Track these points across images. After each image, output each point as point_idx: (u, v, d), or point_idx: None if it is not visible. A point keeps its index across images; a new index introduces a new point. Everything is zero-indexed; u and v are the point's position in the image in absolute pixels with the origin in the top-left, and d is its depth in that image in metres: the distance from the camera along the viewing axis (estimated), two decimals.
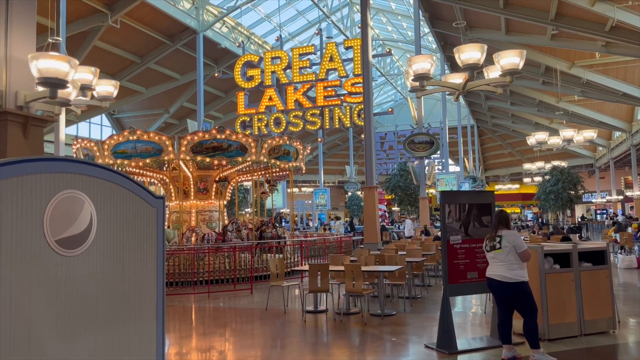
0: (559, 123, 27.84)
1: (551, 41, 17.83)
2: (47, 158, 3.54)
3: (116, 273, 3.96)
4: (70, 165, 3.61)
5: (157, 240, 4.45)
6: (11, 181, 3.17)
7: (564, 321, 6.13)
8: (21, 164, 3.25)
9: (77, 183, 3.59)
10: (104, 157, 11.90)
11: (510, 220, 5.61)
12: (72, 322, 3.52)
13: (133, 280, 4.16)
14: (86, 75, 8.63)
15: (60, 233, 3.43)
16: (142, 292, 4.25)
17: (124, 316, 4.01)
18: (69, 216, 3.51)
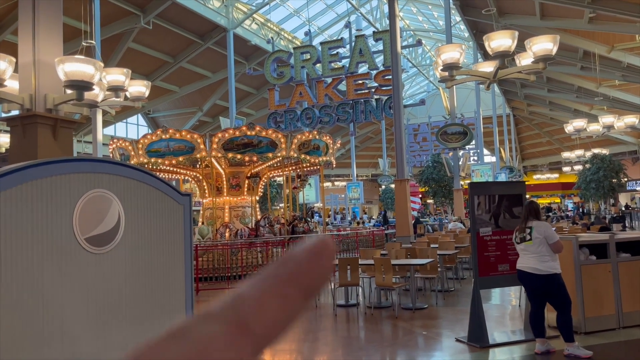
0: (600, 109, 26.88)
1: (589, 24, 17.20)
2: (75, 159, 3.67)
3: (145, 269, 4.07)
4: (97, 165, 3.72)
5: (184, 236, 4.55)
6: (42, 182, 3.29)
7: (601, 314, 5.94)
8: (51, 165, 3.38)
9: (104, 182, 3.70)
10: (138, 156, 12.20)
11: (541, 210, 5.46)
12: (103, 317, 3.64)
13: (162, 276, 4.27)
14: (118, 76, 8.85)
15: (90, 231, 3.55)
16: (170, 287, 4.36)
17: (154, 312, 4.12)
18: (97, 215, 3.63)
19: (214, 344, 0.24)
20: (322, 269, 0.28)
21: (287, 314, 0.27)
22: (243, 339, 0.25)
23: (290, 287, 0.27)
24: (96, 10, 14.33)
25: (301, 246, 0.29)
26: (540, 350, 5.20)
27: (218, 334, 0.25)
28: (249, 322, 0.26)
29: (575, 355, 4.98)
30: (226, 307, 0.26)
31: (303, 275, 0.27)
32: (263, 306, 0.26)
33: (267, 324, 0.26)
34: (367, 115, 18.21)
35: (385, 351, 5.96)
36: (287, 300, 0.27)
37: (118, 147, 12.97)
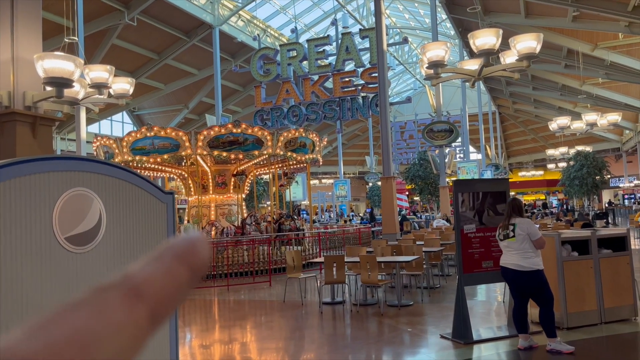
0: (583, 107, 27.21)
1: (572, 23, 17.39)
2: (54, 157, 3.61)
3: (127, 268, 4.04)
4: (78, 164, 3.67)
5: (167, 235, 4.52)
6: (21, 180, 3.24)
7: (583, 309, 6.02)
8: (30, 164, 3.32)
9: (84, 181, 3.66)
10: (122, 154, 12.09)
11: (524, 207, 5.51)
12: None
13: None
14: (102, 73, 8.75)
15: (70, 230, 3.51)
16: None
17: None
18: (77, 214, 3.58)
19: (106, 308, 0.26)
20: (201, 253, 0.31)
21: (176, 285, 0.29)
22: (135, 303, 0.27)
23: (175, 262, 0.30)
24: (79, 6, 14.14)
25: (178, 236, 0.33)
26: (523, 346, 5.25)
27: (110, 298, 0.27)
28: (139, 289, 0.28)
29: (558, 350, 5.04)
30: (118, 279, 0.28)
31: (185, 255, 0.31)
32: (152, 276, 0.29)
33: (159, 292, 0.28)
34: (354, 112, 18.24)
35: (371, 348, 5.97)
36: (173, 272, 0.30)
37: (102, 144, 12.83)
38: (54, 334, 0.24)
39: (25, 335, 0.24)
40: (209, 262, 0.32)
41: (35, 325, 0.24)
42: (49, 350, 0.23)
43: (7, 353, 0.22)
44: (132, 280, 0.28)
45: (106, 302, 0.26)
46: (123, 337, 0.26)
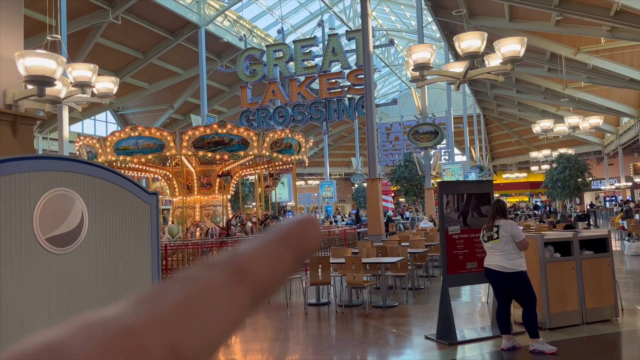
0: (566, 110, 27.58)
1: (556, 27, 17.62)
2: (36, 156, 3.56)
3: (110, 269, 3.98)
4: (59, 164, 3.62)
5: (151, 235, 4.48)
6: (4, 179, 3.18)
7: (565, 310, 6.09)
8: (9, 163, 3.27)
9: (67, 181, 3.60)
10: (106, 154, 11.95)
11: (507, 209, 5.56)
12: (66, 319, 3.54)
13: (128, 276, 4.19)
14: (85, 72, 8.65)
15: (51, 231, 3.45)
16: (137, 286, 4.28)
17: None
18: (59, 214, 3.53)
19: (212, 286, 0.27)
20: (310, 236, 0.31)
21: (280, 269, 0.30)
22: (240, 285, 0.28)
23: (282, 245, 0.30)
24: (62, 3, 13.96)
25: (289, 219, 0.32)
26: (507, 346, 5.30)
27: (216, 278, 0.27)
28: (245, 270, 0.28)
29: (540, 350, 5.09)
30: (224, 258, 0.29)
31: (293, 238, 0.31)
32: (258, 259, 0.29)
33: (262, 274, 0.29)
34: (340, 114, 18.25)
35: (356, 349, 5.98)
36: (279, 256, 0.30)
37: (85, 144, 12.67)
38: (160, 305, 0.25)
39: (129, 306, 0.24)
40: (318, 245, 0.32)
41: (140, 297, 0.25)
42: (153, 322, 0.24)
43: (112, 323, 0.23)
44: (238, 261, 0.29)
45: (212, 280, 0.27)
46: (225, 316, 0.27)
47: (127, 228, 4.20)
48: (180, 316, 0.25)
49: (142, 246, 4.35)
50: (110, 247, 3.99)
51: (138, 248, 4.32)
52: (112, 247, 4.01)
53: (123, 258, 4.14)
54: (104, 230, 3.91)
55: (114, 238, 4.04)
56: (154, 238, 4.48)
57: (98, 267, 3.87)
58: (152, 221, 4.48)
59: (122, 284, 4.13)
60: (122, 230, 4.13)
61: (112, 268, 4.01)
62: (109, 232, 3.98)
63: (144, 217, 4.39)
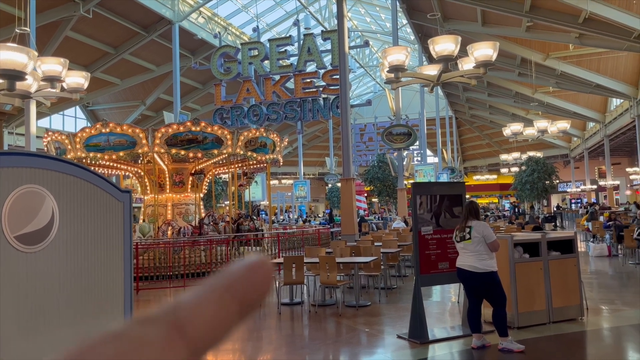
0: (535, 114, 28.25)
1: (526, 33, 18.04)
2: (5, 152, 3.47)
3: (81, 268, 3.90)
4: (29, 160, 3.53)
5: (124, 234, 4.40)
6: None
7: (533, 309, 6.24)
8: None
9: (37, 178, 3.52)
10: (75, 151, 11.69)
11: (480, 210, 5.67)
12: (35, 318, 3.46)
13: (100, 275, 4.11)
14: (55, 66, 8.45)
15: (20, 229, 3.36)
16: (109, 286, 4.20)
17: (90, 311, 3.96)
18: (28, 212, 3.44)
19: (148, 344, 0.25)
20: (259, 284, 0.29)
21: (223, 321, 0.27)
22: (177, 341, 0.26)
23: (227, 295, 0.28)
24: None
25: (240, 262, 0.30)
26: (477, 345, 5.40)
27: (153, 335, 0.25)
28: (184, 325, 0.26)
29: (509, 349, 5.22)
30: (163, 311, 0.27)
31: (239, 287, 0.28)
32: (199, 311, 0.27)
33: (202, 328, 0.27)
34: (315, 114, 18.28)
35: (329, 349, 6.00)
36: (222, 307, 0.28)
37: (53, 140, 12.36)
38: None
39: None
40: (268, 293, 0.29)
41: (71, 354, 0.24)
42: None
43: None
44: (177, 314, 0.27)
45: (147, 337, 0.25)
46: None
47: (99, 226, 4.12)
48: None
49: (114, 245, 4.28)
50: (82, 245, 3.92)
51: (110, 247, 4.24)
52: (84, 245, 3.94)
53: (95, 257, 4.06)
54: (75, 229, 3.83)
55: (86, 236, 3.96)
56: (126, 237, 4.41)
57: (69, 267, 3.79)
58: (125, 220, 4.41)
59: (94, 284, 4.06)
60: (94, 228, 4.05)
61: (83, 267, 3.93)
62: (81, 231, 3.91)
63: (116, 215, 4.32)
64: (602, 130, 28.95)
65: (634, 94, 22.38)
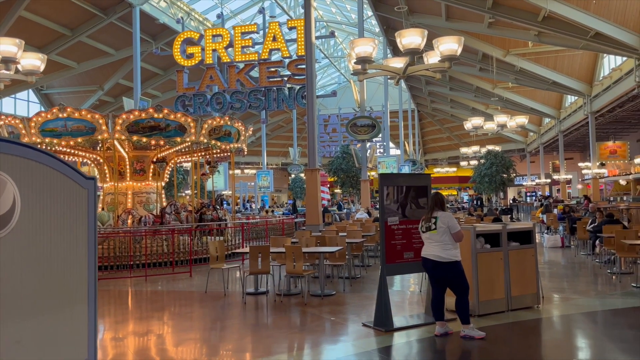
0: (494, 109, 29.01)
1: (488, 29, 18.45)
2: None
3: (44, 256, 3.77)
4: None
5: (88, 222, 4.28)
6: None
7: (493, 297, 6.45)
8: None
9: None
10: (30, 136, 11.23)
11: (446, 202, 5.80)
12: None
13: (62, 264, 3.98)
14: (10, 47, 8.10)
15: None
16: (72, 275, 4.08)
17: (53, 301, 3.84)
18: None
19: None
20: None
21: None
22: None
23: None
24: None
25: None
26: (440, 332, 5.54)
27: None
28: None
29: (470, 336, 5.38)
30: None
31: None
32: None
33: None
34: (280, 103, 18.17)
35: (294, 337, 6.03)
36: None
37: (7, 124, 11.84)
38: None
39: None
40: None
41: None
42: None
43: None
44: None
45: None
46: None
47: (63, 214, 3.99)
48: None
49: (78, 233, 4.15)
50: (44, 233, 3.78)
51: (74, 235, 4.11)
52: (46, 233, 3.80)
53: (58, 246, 3.93)
54: (37, 216, 3.69)
55: (48, 224, 3.83)
56: (91, 225, 4.28)
57: (31, 255, 3.65)
58: (90, 207, 4.28)
59: (57, 273, 3.93)
60: (57, 216, 3.92)
61: (45, 256, 3.80)
62: (43, 218, 3.77)
63: (80, 202, 4.19)
64: (557, 126, 30.03)
65: (587, 91, 23.28)
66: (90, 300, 4.26)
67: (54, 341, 3.82)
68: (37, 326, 3.68)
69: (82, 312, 4.17)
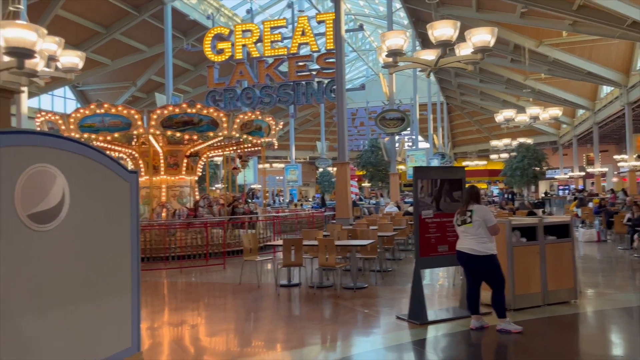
0: (526, 101, 28.42)
1: (520, 19, 18.06)
2: (17, 131, 3.45)
3: (90, 247, 3.91)
4: (41, 139, 3.52)
5: (131, 214, 4.41)
6: None
7: (529, 292, 6.38)
8: None
9: (48, 157, 3.51)
10: (69, 131, 11.57)
11: (481, 195, 5.76)
12: (46, 296, 3.48)
13: (107, 255, 4.12)
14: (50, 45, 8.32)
15: (32, 208, 3.36)
16: (116, 266, 4.22)
17: (99, 290, 3.98)
18: (40, 190, 3.44)
19: None
20: None
21: None
22: None
23: None
24: None
25: None
26: (475, 326, 5.52)
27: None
28: None
29: (507, 330, 5.34)
30: None
31: None
32: None
33: None
34: (308, 97, 18.21)
35: (327, 329, 6.09)
36: None
37: (47, 120, 12.22)
38: None
39: None
40: None
41: None
42: None
43: None
44: None
45: None
46: None
47: (108, 206, 4.12)
48: None
49: (122, 225, 4.29)
50: (91, 225, 3.92)
51: (118, 227, 4.25)
52: (93, 225, 3.94)
53: (103, 237, 4.07)
54: (84, 208, 3.83)
55: (95, 216, 3.96)
56: (133, 217, 4.42)
57: (78, 246, 3.79)
58: (132, 200, 4.42)
59: (103, 264, 4.07)
60: (102, 208, 4.06)
61: (92, 247, 3.94)
62: (90, 210, 3.90)
63: (124, 195, 4.32)
64: (592, 118, 29.23)
65: (624, 81, 22.59)
66: (133, 290, 4.40)
67: (100, 329, 3.97)
68: (85, 315, 3.83)
69: (126, 302, 4.31)
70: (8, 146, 3.25)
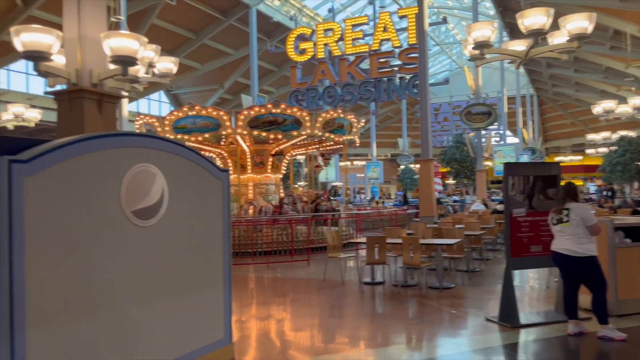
0: (628, 90, 26.23)
1: (620, 2, 16.71)
2: (122, 133, 3.72)
3: (186, 242, 4.15)
4: (144, 140, 3.78)
5: (222, 211, 4.62)
6: (95, 155, 3.35)
7: (635, 297, 5.90)
8: (103, 139, 3.43)
9: (149, 157, 3.76)
10: (164, 132, 12.31)
11: (579, 192, 5.40)
12: (149, 288, 3.73)
13: (202, 250, 4.35)
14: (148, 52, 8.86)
15: (135, 204, 3.62)
16: (210, 260, 4.44)
17: (195, 283, 4.21)
18: (142, 188, 3.69)
19: None
20: None
21: None
22: None
23: None
24: None
25: None
26: (574, 332, 5.19)
27: None
28: None
29: (609, 337, 4.97)
30: None
31: None
32: None
33: None
34: (390, 94, 18.04)
35: (413, 328, 6.00)
36: None
37: (145, 123, 13.10)
38: None
39: None
40: None
41: None
42: None
43: None
44: None
45: None
46: None
47: (202, 203, 4.35)
48: None
49: (214, 221, 4.50)
50: (187, 221, 4.15)
51: (211, 223, 4.47)
52: (189, 221, 4.17)
53: (198, 231, 4.29)
54: (181, 205, 4.06)
55: (190, 213, 4.20)
56: (225, 214, 4.62)
57: (176, 240, 4.03)
58: (224, 197, 4.62)
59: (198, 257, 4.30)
60: (197, 205, 4.28)
61: (188, 241, 4.17)
62: (186, 207, 4.14)
63: (216, 193, 4.54)
64: None
65: None
66: (225, 284, 4.61)
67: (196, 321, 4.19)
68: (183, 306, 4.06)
69: (219, 295, 4.52)
70: (117, 148, 3.53)
